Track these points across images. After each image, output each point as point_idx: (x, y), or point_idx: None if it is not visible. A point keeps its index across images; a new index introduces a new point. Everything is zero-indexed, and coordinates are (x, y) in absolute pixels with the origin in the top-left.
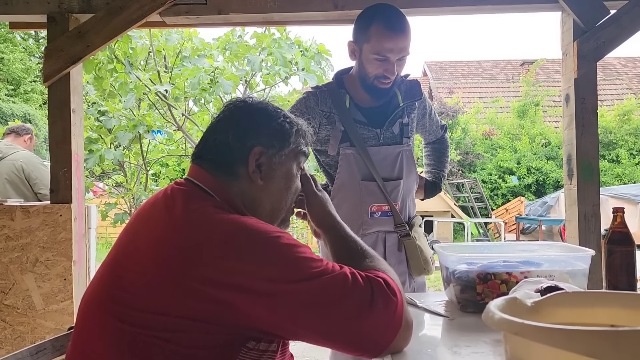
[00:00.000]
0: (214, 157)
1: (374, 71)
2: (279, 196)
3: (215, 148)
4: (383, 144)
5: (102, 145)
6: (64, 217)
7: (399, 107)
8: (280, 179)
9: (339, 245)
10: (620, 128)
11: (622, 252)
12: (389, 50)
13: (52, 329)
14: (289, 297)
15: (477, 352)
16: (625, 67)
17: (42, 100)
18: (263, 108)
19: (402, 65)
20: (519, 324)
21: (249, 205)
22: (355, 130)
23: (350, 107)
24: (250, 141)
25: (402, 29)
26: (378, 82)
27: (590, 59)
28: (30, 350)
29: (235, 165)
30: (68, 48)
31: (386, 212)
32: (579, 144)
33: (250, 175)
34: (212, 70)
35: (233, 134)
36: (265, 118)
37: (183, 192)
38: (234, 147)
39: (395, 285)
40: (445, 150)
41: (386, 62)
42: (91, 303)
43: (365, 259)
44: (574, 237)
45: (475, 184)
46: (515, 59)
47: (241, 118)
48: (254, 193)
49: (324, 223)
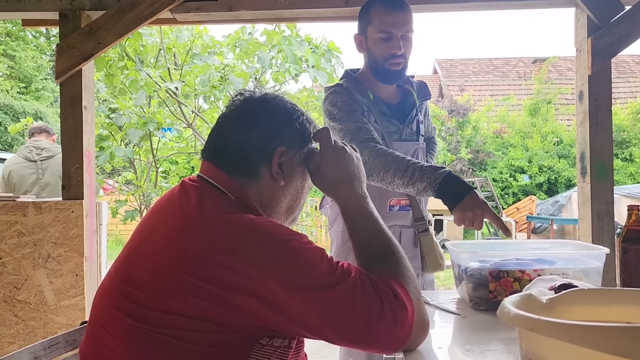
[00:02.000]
0: (236, 158)
1: (381, 53)
2: (296, 195)
3: (239, 149)
4: (404, 139)
5: (112, 143)
6: (75, 213)
7: (415, 104)
8: (298, 178)
9: (356, 231)
10: (634, 126)
11: (637, 251)
12: (391, 25)
13: (64, 324)
14: (298, 304)
15: (490, 350)
16: (639, 65)
17: (53, 98)
18: (282, 106)
19: (408, 45)
20: (535, 319)
21: (266, 205)
22: (384, 123)
23: (375, 100)
24: (273, 142)
25: (401, 5)
26: (389, 65)
27: (605, 55)
28: (44, 344)
29: (258, 166)
30: (80, 45)
31: (404, 207)
32: (592, 141)
33: (274, 176)
34: (222, 68)
35: (257, 135)
36: (286, 117)
37: (197, 190)
38: (258, 148)
39: (404, 294)
40: (433, 151)
41: (391, 40)
42: (104, 298)
43: (379, 256)
44: (587, 235)
45: (486, 182)
46: (527, 57)
47: (263, 117)
48: (274, 192)
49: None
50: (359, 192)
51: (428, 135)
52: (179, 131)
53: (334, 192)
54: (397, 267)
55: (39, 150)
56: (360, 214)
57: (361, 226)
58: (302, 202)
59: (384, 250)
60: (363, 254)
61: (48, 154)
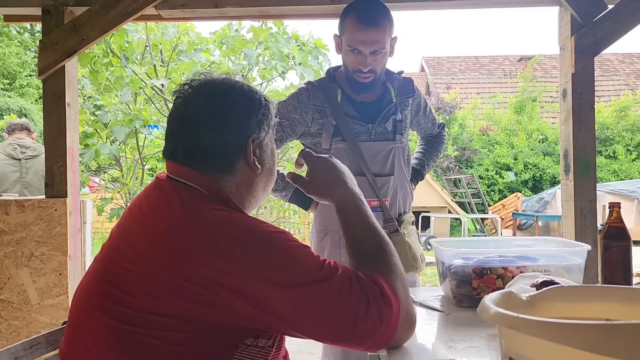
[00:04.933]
0: (210, 157)
1: (350, 64)
2: (270, 173)
3: (213, 148)
4: (375, 139)
5: (98, 140)
6: (59, 211)
7: (392, 103)
8: (269, 157)
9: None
10: (617, 124)
11: (618, 247)
12: (360, 43)
13: (48, 323)
14: (284, 302)
15: (473, 346)
16: (622, 63)
17: (38, 95)
18: (244, 93)
19: (379, 61)
20: (514, 317)
21: (244, 192)
22: (347, 125)
23: (342, 101)
24: (245, 132)
25: (374, 22)
26: (357, 77)
27: (588, 54)
28: (24, 344)
29: (235, 160)
30: (63, 41)
31: (375, 208)
32: (575, 139)
33: (250, 166)
34: (209, 65)
35: (228, 130)
36: (251, 104)
37: (175, 189)
38: (232, 143)
39: (391, 291)
40: (438, 145)
41: (359, 55)
42: (83, 298)
43: (372, 252)
44: (570, 232)
45: (472, 179)
46: (513, 55)
47: (231, 110)
48: (251, 179)
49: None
50: (353, 188)
51: (427, 132)
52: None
53: (329, 192)
54: (387, 265)
55: (24, 148)
56: (355, 210)
57: (356, 222)
58: (275, 172)
59: (376, 247)
60: (355, 250)
61: (33, 153)
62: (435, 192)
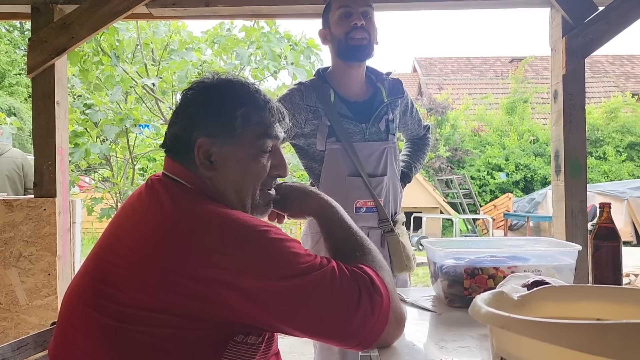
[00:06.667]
0: (174, 150)
1: (343, 29)
2: (239, 182)
3: (172, 142)
4: (369, 139)
5: (88, 139)
6: (48, 211)
7: (384, 103)
8: (235, 166)
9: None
10: (607, 125)
11: (608, 248)
12: (351, 1)
13: (36, 324)
14: (276, 295)
15: (464, 346)
16: (612, 65)
17: (27, 94)
18: (212, 95)
19: (370, 23)
20: (505, 317)
21: (214, 191)
22: (341, 125)
23: (336, 101)
24: (194, 133)
25: None
26: (352, 40)
27: (579, 55)
28: (12, 345)
29: (189, 156)
30: (52, 39)
31: (371, 208)
32: (566, 140)
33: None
34: (200, 64)
35: (180, 125)
36: (211, 106)
37: (165, 186)
38: (182, 140)
39: (380, 282)
40: (424, 147)
41: (351, 15)
42: (75, 297)
43: (357, 251)
44: (561, 232)
45: (463, 180)
46: (505, 56)
47: (186, 108)
48: (212, 181)
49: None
50: (327, 199)
51: (413, 134)
52: (156, 128)
53: (305, 205)
54: (373, 261)
55: None
56: (334, 216)
57: (337, 226)
58: (251, 188)
59: (359, 247)
60: (339, 252)
61: None
62: (427, 193)
